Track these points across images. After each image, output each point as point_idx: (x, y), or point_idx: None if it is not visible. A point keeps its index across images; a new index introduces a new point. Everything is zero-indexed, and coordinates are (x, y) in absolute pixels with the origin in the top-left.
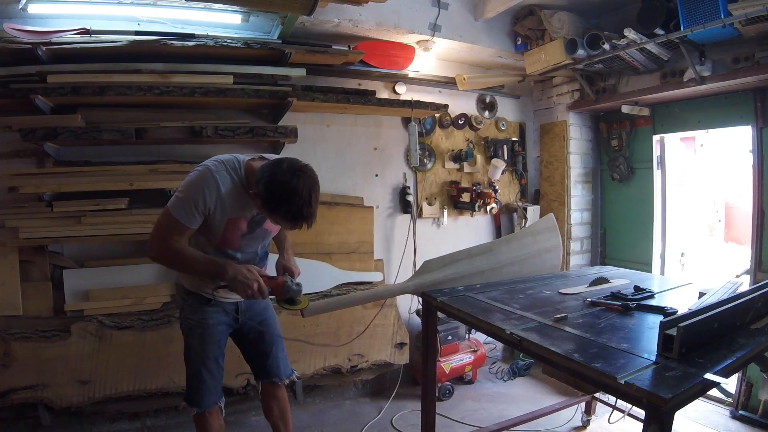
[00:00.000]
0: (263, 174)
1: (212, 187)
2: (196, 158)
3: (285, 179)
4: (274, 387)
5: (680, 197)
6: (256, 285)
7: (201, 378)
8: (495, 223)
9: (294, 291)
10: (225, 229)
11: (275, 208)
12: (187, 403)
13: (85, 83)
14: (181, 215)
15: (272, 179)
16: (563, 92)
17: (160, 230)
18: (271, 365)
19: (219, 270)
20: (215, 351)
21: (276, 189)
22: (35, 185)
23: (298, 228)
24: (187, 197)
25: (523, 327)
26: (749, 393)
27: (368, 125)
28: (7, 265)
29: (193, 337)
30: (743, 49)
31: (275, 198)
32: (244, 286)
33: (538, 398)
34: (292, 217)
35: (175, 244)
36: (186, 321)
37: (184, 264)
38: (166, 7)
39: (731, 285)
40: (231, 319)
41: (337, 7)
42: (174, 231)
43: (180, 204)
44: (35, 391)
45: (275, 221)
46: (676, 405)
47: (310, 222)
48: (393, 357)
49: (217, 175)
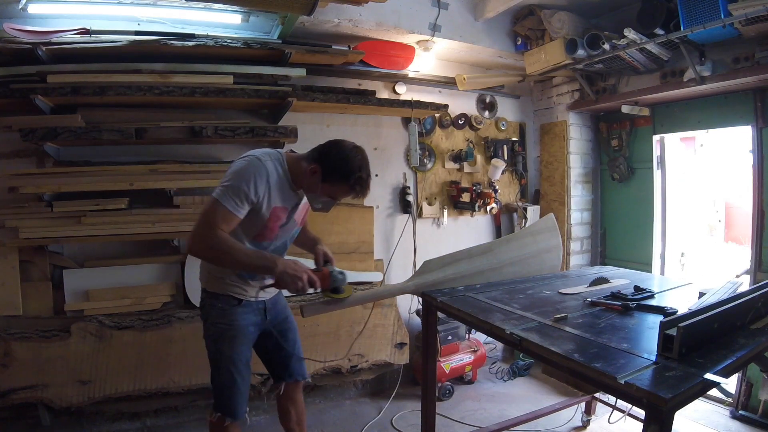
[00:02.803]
0: (329, 149)
1: (263, 175)
2: (196, 158)
3: (351, 153)
4: (295, 388)
5: (680, 197)
6: (306, 277)
7: (236, 385)
8: (495, 223)
9: (340, 280)
10: (269, 219)
11: (343, 176)
12: (222, 413)
13: (85, 83)
14: (229, 204)
15: (340, 153)
16: (563, 92)
17: (205, 221)
18: (294, 365)
19: (269, 263)
20: (246, 353)
21: (340, 164)
22: (35, 185)
23: (358, 196)
24: (235, 186)
25: (523, 327)
26: (749, 393)
27: (368, 125)
28: (7, 265)
29: (223, 341)
30: (743, 49)
31: (343, 168)
32: (294, 279)
33: (538, 398)
34: (358, 183)
35: (222, 235)
36: (214, 327)
37: (233, 256)
38: (166, 7)
39: (731, 285)
40: (260, 319)
41: (337, 7)
42: (221, 221)
43: (228, 193)
44: (35, 391)
45: (335, 191)
46: (676, 405)
47: (366, 191)
48: (393, 357)
49: (266, 164)
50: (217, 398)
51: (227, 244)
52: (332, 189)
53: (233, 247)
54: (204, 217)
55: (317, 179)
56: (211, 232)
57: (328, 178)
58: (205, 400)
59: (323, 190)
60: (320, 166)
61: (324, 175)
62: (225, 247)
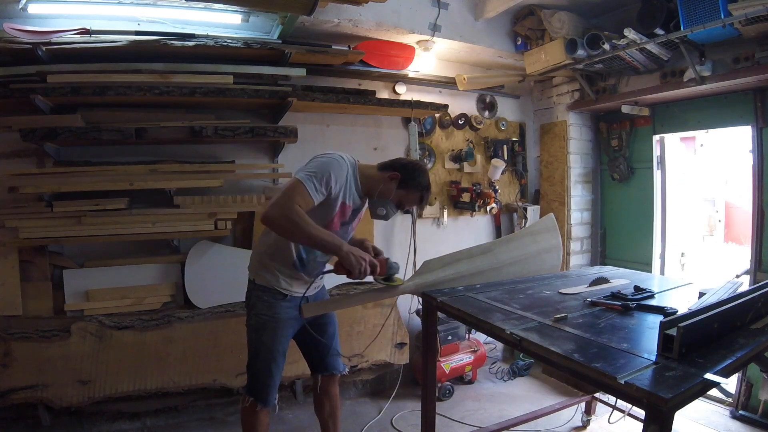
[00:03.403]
0: (405, 162)
1: (343, 170)
2: (196, 158)
3: (424, 168)
4: (331, 381)
5: (680, 197)
6: (369, 259)
7: (271, 374)
8: (495, 223)
9: (395, 268)
10: (336, 214)
11: (418, 185)
12: (255, 399)
13: (85, 83)
14: (310, 187)
15: (416, 166)
16: (563, 92)
17: (287, 195)
18: (331, 358)
19: (337, 242)
20: (285, 345)
21: (418, 174)
22: (35, 185)
23: (423, 203)
24: (319, 173)
25: (523, 327)
26: (749, 393)
27: (368, 125)
28: (7, 265)
29: (265, 332)
30: (743, 49)
31: (419, 178)
32: (358, 260)
33: (538, 398)
34: (427, 193)
35: (299, 209)
36: (258, 317)
37: (306, 228)
38: (166, 7)
39: (731, 285)
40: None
41: (337, 7)
42: (300, 198)
43: (312, 177)
44: (35, 391)
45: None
46: (676, 405)
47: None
48: (393, 357)
49: (346, 164)
50: (252, 384)
51: (302, 217)
52: (405, 195)
53: (307, 220)
54: (286, 192)
55: (394, 185)
56: (291, 203)
57: (405, 185)
58: (205, 400)
59: (396, 195)
60: (401, 174)
61: (402, 182)
62: (300, 219)
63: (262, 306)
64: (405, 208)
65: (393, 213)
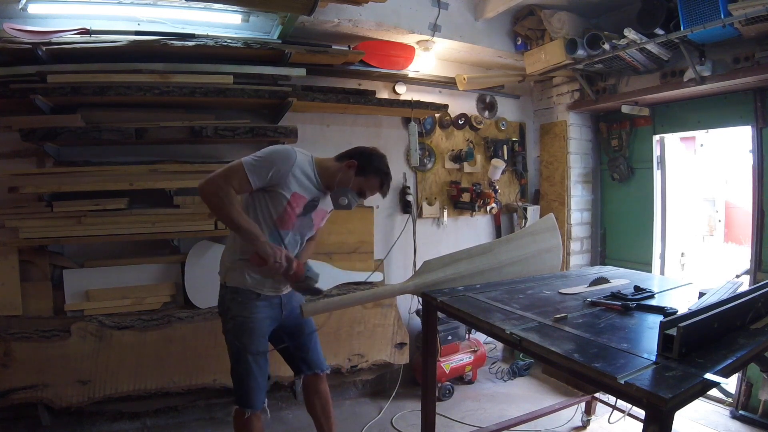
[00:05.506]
0: (361, 150)
1: (289, 161)
2: (196, 158)
3: (380, 154)
4: (316, 380)
5: (680, 197)
6: (286, 253)
7: (253, 376)
8: (495, 223)
9: (313, 272)
10: (288, 203)
11: (376, 171)
12: (241, 406)
13: (85, 83)
14: (250, 170)
15: (372, 153)
16: (563, 92)
17: (225, 174)
18: (313, 357)
19: (255, 231)
20: (264, 345)
21: (375, 159)
22: (35, 185)
23: (382, 191)
24: (261, 159)
25: (523, 327)
26: (749, 393)
27: (368, 125)
28: (7, 265)
29: (243, 333)
30: (743, 49)
31: (377, 164)
32: (274, 251)
33: (538, 398)
34: (386, 179)
35: (231, 191)
36: (234, 320)
37: (230, 209)
38: (166, 7)
39: (731, 285)
40: (276, 313)
41: (337, 7)
42: (237, 179)
43: (254, 162)
44: (35, 391)
45: (367, 185)
46: (676, 405)
47: (388, 189)
48: (393, 357)
49: (295, 153)
50: (236, 391)
51: (231, 198)
52: (364, 182)
53: (234, 204)
54: (225, 171)
55: (352, 173)
56: (225, 183)
57: (363, 172)
58: (205, 400)
59: (355, 183)
60: (357, 161)
61: (359, 169)
62: (227, 200)
63: (236, 307)
64: (367, 196)
65: (355, 202)
